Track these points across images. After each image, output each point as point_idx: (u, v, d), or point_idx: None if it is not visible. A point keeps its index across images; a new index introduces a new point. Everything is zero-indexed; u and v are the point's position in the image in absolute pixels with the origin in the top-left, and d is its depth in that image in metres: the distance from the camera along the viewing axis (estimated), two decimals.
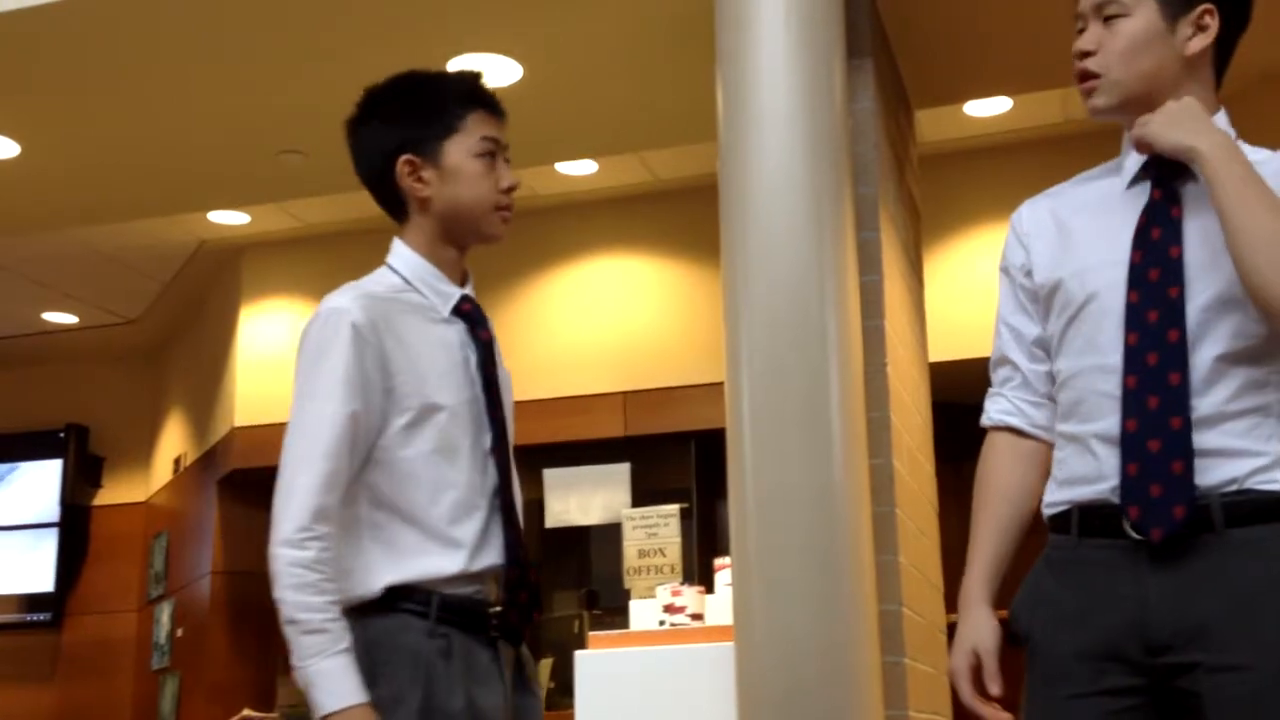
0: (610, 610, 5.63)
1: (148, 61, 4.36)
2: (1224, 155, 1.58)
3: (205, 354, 7.36)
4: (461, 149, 1.95)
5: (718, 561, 3.98)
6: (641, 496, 5.88)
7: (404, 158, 1.94)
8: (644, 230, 6.34)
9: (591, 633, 4.16)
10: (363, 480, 1.86)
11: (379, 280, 1.96)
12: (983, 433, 1.87)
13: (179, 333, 7.88)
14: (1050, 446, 1.78)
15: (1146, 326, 1.61)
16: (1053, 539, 1.72)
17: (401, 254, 1.98)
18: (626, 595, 4.22)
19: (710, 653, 3.56)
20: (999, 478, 1.80)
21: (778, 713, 2.92)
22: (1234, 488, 1.57)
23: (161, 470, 7.96)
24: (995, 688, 1.72)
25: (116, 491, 8.15)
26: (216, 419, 7.06)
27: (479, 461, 1.91)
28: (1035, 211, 1.82)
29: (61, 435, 8.01)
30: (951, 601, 4.22)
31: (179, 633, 7.31)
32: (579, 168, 6.00)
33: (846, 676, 2.95)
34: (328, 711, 1.74)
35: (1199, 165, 1.60)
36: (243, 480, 6.75)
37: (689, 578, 5.28)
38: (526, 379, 5.19)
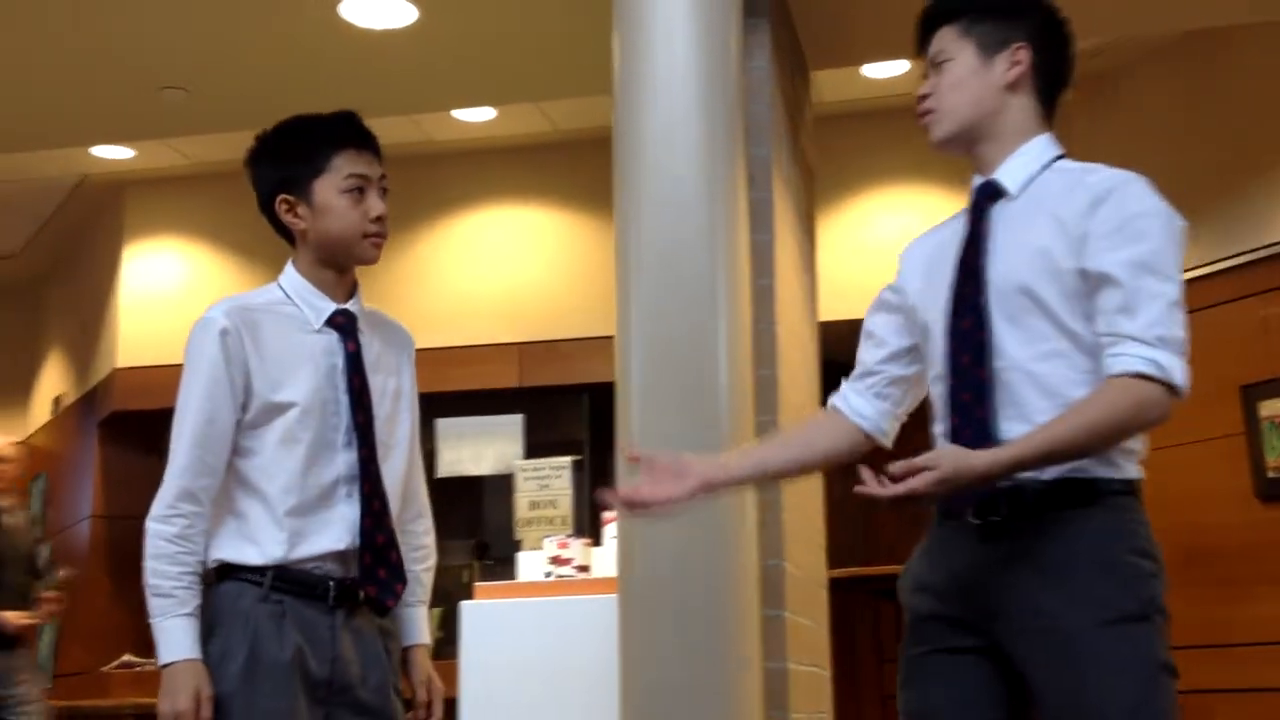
0: (501, 560, 5.63)
1: None
2: (1013, 462, 1.75)
3: (87, 292, 7.14)
4: (329, 187, 2.19)
5: (606, 514, 4.00)
6: (535, 448, 5.87)
7: (281, 197, 2.21)
8: (542, 180, 6.29)
9: (478, 583, 4.16)
10: (231, 464, 2.15)
11: (263, 293, 2.25)
12: None
13: (59, 269, 7.64)
14: (860, 431, 2.04)
15: (961, 333, 1.87)
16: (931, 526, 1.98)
17: (288, 274, 2.26)
18: (518, 546, 4.22)
19: (594, 604, 3.59)
20: (804, 426, 2.10)
21: (658, 665, 2.96)
22: (1046, 477, 1.78)
23: (40, 410, 7.75)
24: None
25: None
26: (98, 359, 6.88)
27: (326, 454, 2.15)
28: (912, 248, 2.09)
29: None
30: (834, 557, 4.31)
31: None
32: (476, 115, 5.93)
33: (727, 630, 3.00)
34: (163, 662, 2.07)
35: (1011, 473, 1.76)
36: (124, 422, 6.59)
37: (580, 530, 5.29)
38: (421, 327, 5.14)
